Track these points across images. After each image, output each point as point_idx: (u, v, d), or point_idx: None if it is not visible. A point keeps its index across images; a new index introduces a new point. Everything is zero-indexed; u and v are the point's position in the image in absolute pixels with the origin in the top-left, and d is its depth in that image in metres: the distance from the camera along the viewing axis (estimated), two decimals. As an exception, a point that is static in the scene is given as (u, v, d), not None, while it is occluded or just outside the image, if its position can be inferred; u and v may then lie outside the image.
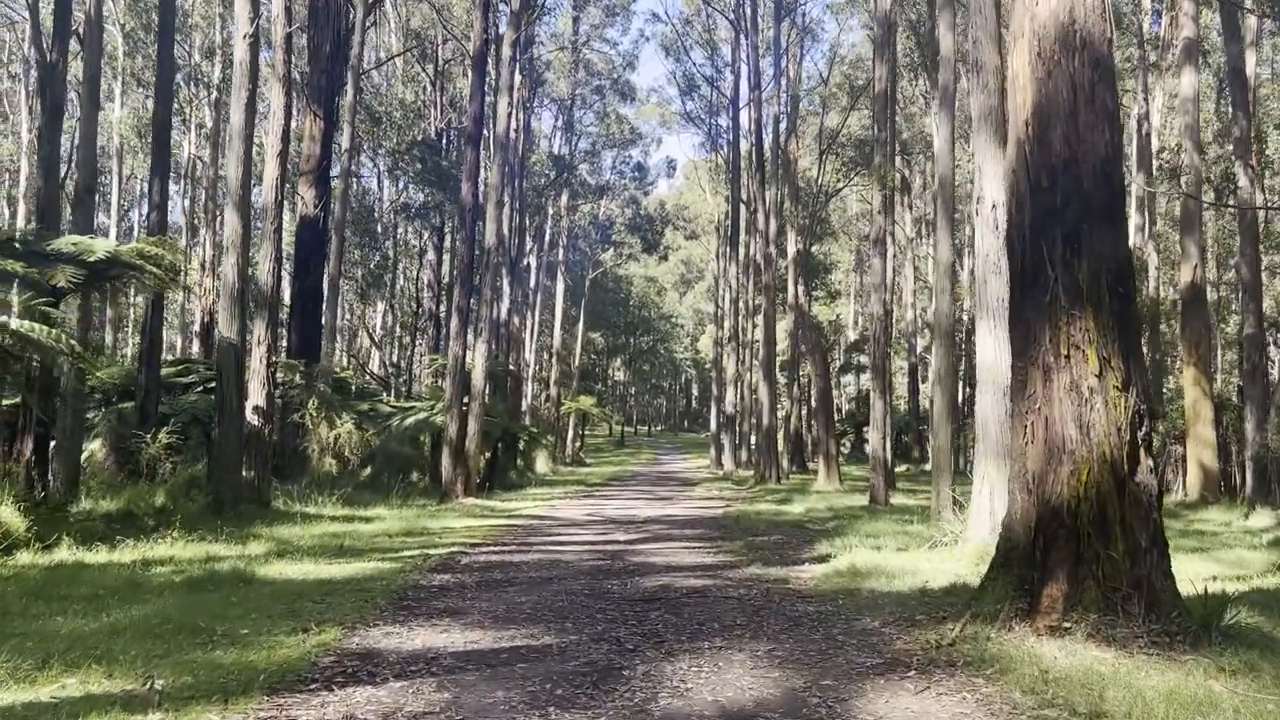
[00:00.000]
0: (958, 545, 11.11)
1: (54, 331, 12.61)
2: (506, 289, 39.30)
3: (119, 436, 20.10)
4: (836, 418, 41.39)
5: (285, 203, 38.98)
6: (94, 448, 20.66)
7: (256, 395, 17.78)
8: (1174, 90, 37.44)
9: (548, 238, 52.06)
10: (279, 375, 23.11)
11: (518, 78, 37.66)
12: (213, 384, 19.54)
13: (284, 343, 29.22)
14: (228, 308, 16.67)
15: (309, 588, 8.34)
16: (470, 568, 10.25)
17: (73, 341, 13.13)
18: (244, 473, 17.11)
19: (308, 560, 10.24)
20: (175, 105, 42.74)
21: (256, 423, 17.66)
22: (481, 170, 30.35)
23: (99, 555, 10.00)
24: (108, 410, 21.53)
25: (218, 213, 38.38)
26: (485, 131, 37.67)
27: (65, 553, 10.21)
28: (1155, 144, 35.26)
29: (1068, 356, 6.33)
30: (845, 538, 13.44)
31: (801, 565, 10.98)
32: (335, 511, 17.38)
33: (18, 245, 13.97)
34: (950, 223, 15.74)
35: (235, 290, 16.64)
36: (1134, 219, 33.98)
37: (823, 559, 11.38)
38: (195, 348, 38.52)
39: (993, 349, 10.89)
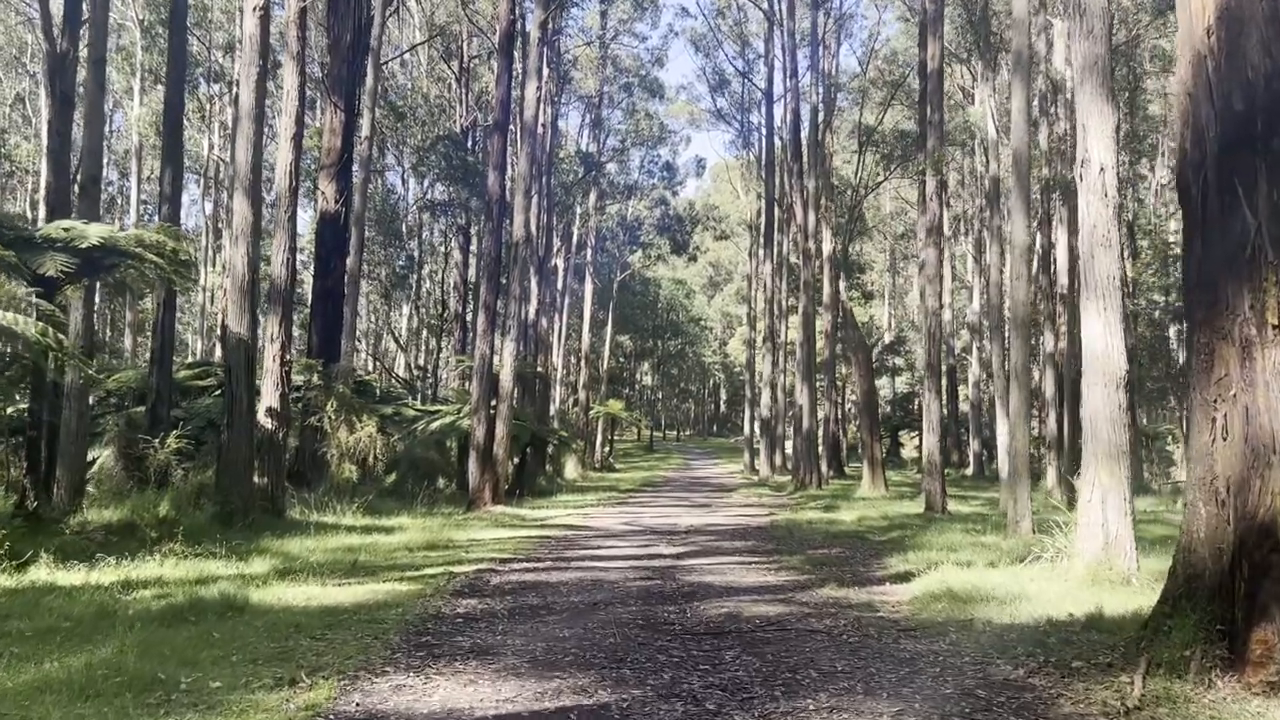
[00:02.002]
0: (1061, 562, 9.61)
1: (39, 325, 11.40)
2: (534, 289, 37.98)
3: (128, 442, 18.92)
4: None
5: (307, 198, 37.82)
6: (106, 454, 19.52)
7: (270, 396, 16.54)
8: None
9: (575, 239, 50.78)
10: (298, 376, 21.95)
11: (545, 67, 36.34)
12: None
13: (304, 344, 28.09)
14: (237, 301, 15.42)
15: (310, 618, 6.98)
16: (501, 590, 8.85)
17: (61, 336, 11.89)
18: (256, 479, 15.88)
19: (314, 581, 8.88)
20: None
21: (270, 425, 16.42)
22: (509, 168, 29.03)
23: (77, 575, 8.71)
24: (116, 415, 20.40)
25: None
26: (512, 127, 36.45)
27: (42, 572, 8.93)
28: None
29: (1278, 327, 4.86)
30: (920, 552, 11.99)
31: (882, 585, 9.52)
32: (355, 521, 16.13)
33: (5, 231, 12.78)
34: (1026, 201, 14.21)
35: (245, 282, 15.39)
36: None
37: (904, 577, 9.92)
38: (217, 351, 37.49)
39: (1102, 334, 9.39)
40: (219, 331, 37.49)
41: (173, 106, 20.16)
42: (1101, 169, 9.46)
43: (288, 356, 16.91)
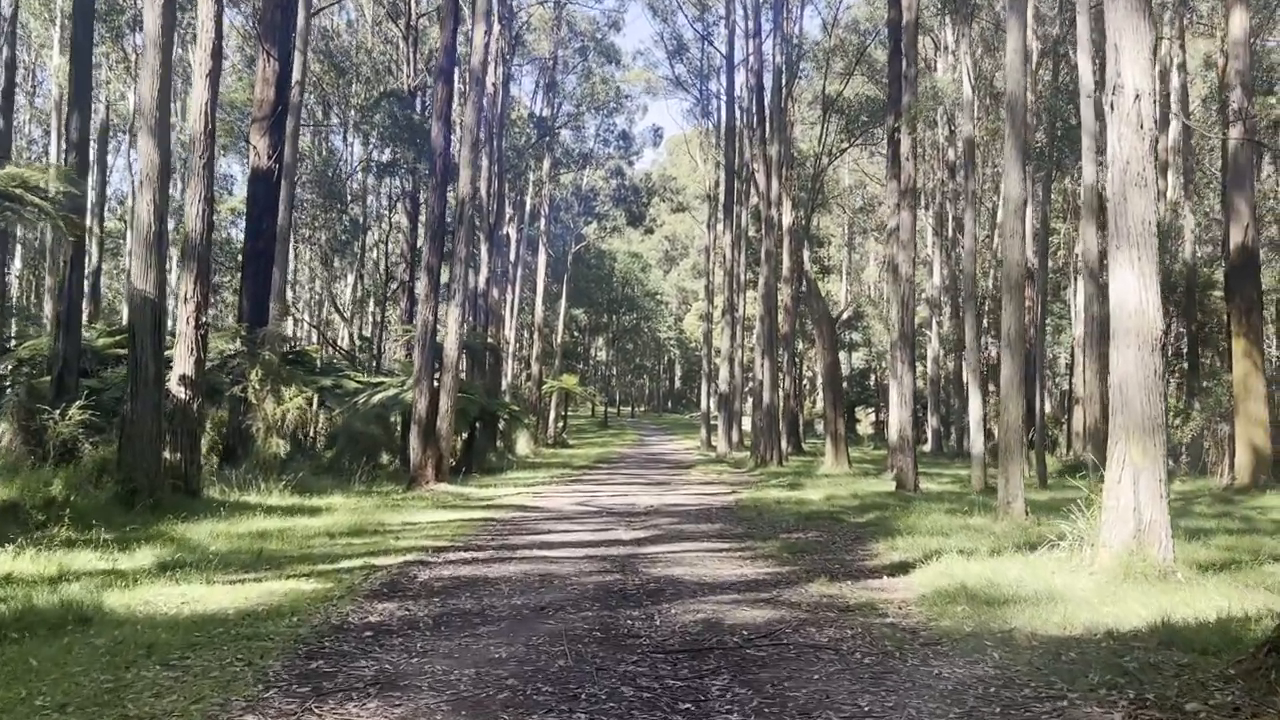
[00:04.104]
0: (1082, 551, 8.33)
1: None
2: (485, 257, 36.24)
3: (27, 414, 17.07)
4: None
5: (240, 155, 35.49)
6: (4, 429, 17.64)
7: (184, 362, 14.79)
8: (1205, 51, 34.81)
9: (528, 208, 49.05)
10: (225, 343, 20.19)
11: (497, 23, 34.43)
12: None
13: (237, 310, 26.22)
14: (142, 255, 13.64)
15: (174, 632, 5.43)
16: (428, 589, 7.33)
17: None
18: (168, 455, 14.19)
19: (200, 577, 7.31)
20: (121, 54, 39.32)
21: (183, 395, 14.68)
22: (456, 128, 27.23)
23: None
24: (16, 384, 18.53)
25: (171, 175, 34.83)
26: (461, 86, 34.53)
27: None
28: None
29: None
30: (907, 537, 10.70)
31: (878, 579, 8.17)
32: (280, 501, 14.55)
33: None
34: (1021, 150, 12.93)
35: (151, 233, 13.61)
36: (1167, 178, 31.44)
37: (901, 568, 8.60)
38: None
39: (1135, 288, 8.09)
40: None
41: (80, 44, 18.18)
42: (1137, 96, 8.12)
43: (203, 318, 15.17)
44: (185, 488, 14.22)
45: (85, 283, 33.22)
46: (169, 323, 20.68)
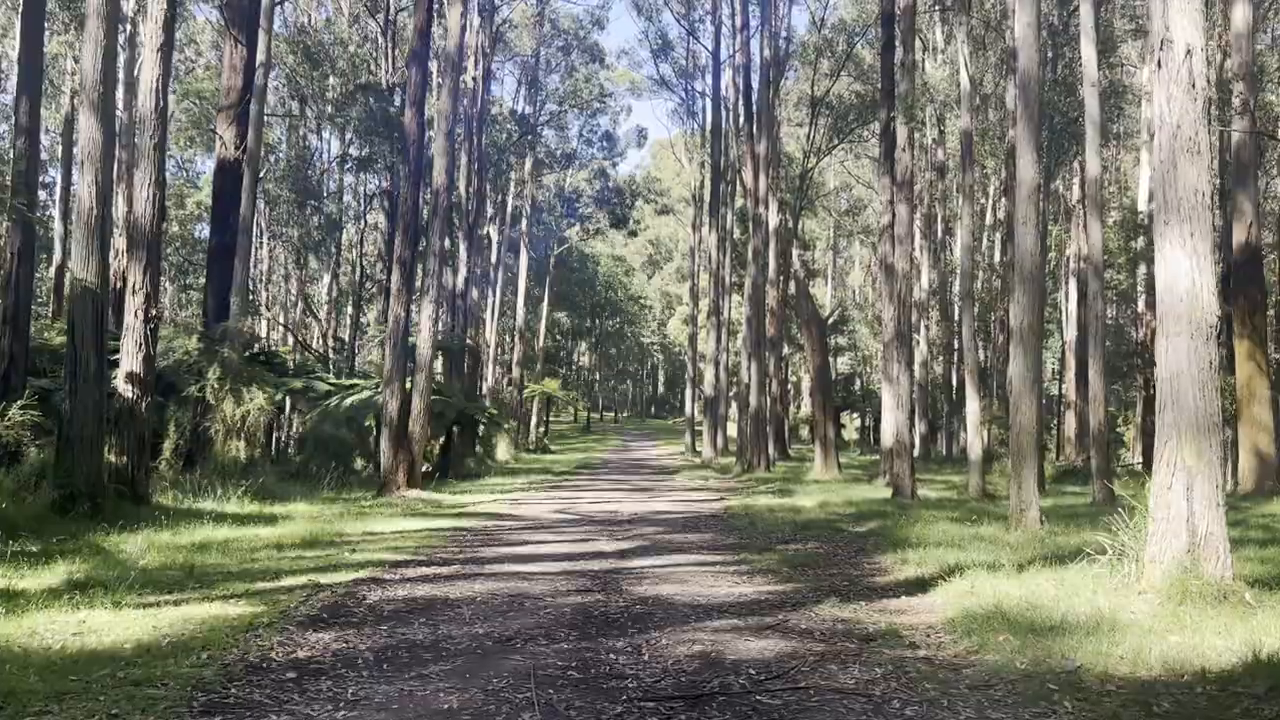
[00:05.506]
0: (1124, 566, 7.36)
1: None
2: (464, 256, 35.18)
3: (-35, 415, 15.87)
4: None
5: (206, 148, 34.32)
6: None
7: (131, 359, 13.68)
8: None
9: (509, 209, 48.00)
10: (187, 339, 19.09)
11: (477, 16, 33.46)
12: (117, 353, 15.16)
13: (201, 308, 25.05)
14: (83, 241, 12.54)
15: (46, 675, 4.35)
16: (376, 614, 6.26)
17: None
18: (114, 458, 13.12)
19: (106, 602, 6.20)
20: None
21: (130, 394, 13.58)
22: (435, 120, 26.12)
23: None
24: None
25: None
26: (440, 79, 33.47)
27: None
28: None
29: None
30: (918, 549, 9.70)
31: (896, 599, 7.16)
32: (237, 508, 13.49)
33: None
34: (1035, 131, 12.01)
35: (93, 217, 12.51)
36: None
37: (919, 585, 7.60)
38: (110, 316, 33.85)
39: (1187, 270, 7.15)
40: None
41: (31, 23, 17.12)
42: (1188, 51, 7.18)
43: (153, 311, 14.04)
44: (131, 494, 13.13)
45: (51, 279, 31.94)
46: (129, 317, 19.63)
